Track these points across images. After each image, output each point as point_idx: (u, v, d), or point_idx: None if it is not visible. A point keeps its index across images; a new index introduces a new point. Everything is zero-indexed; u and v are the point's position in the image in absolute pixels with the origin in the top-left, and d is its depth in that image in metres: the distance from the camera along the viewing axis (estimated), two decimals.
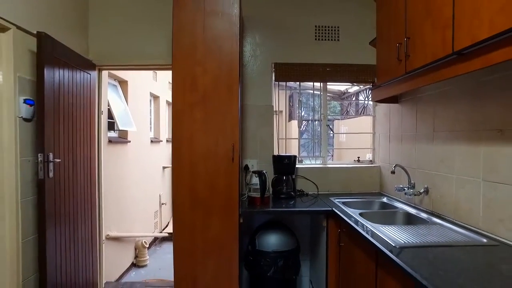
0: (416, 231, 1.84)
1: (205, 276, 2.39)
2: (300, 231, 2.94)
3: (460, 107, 1.95)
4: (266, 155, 2.99)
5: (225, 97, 2.33)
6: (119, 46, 2.99)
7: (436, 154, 2.18)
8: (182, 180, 2.33)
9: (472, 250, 1.51)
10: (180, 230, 2.36)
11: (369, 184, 3.10)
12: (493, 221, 1.69)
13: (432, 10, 1.65)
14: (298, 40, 3.06)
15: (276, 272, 2.43)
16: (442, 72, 1.63)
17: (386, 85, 2.31)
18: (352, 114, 7.59)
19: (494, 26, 1.23)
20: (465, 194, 1.91)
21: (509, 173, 1.58)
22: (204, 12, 2.29)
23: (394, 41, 2.07)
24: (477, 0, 1.33)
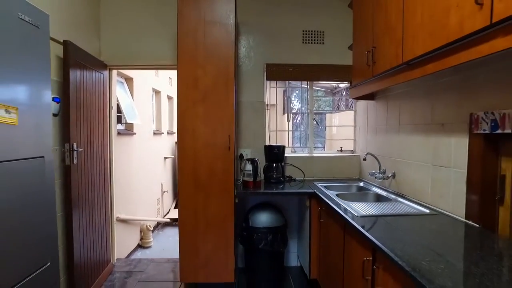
0: (379, 207, 2.26)
1: (206, 249, 2.81)
2: (288, 211, 3.36)
3: (417, 105, 2.36)
4: (259, 145, 3.39)
5: (223, 95, 2.72)
6: (127, 48, 3.36)
7: (401, 143, 2.59)
8: (186, 166, 2.74)
9: (416, 218, 1.93)
10: (185, 209, 2.77)
11: (349, 171, 3.52)
12: (436, 197, 2.11)
13: (389, 29, 2.05)
14: (288, 43, 3.44)
15: (267, 245, 2.85)
16: (397, 77, 2.03)
17: (360, 85, 2.70)
18: (343, 108, 7.97)
19: (426, 46, 1.63)
20: (419, 177, 2.32)
21: (447, 158, 1.99)
22: (204, 22, 2.67)
23: (365, 49, 2.47)
24: (415, 26, 1.73)
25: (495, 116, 1.59)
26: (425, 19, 1.65)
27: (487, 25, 1.22)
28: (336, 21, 3.41)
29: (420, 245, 1.46)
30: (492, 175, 1.71)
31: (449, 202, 1.99)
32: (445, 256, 1.33)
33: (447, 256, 1.34)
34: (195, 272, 2.84)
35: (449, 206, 1.99)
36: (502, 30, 1.18)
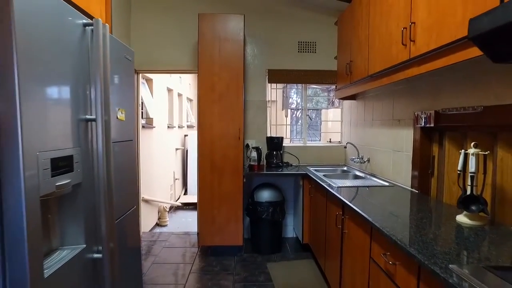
0: (353, 182, 3.00)
1: (219, 218, 3.55)
2: (285, 190, 4.10)
3: (384, 105, 3.08)
4: (262, 136, 4.12)
5: (234, 96, 3.45)
6: (153, 55, 4.05)
7: (373, 135, 3.32)
8: (205, 152, 3.47)
9: (377, 188, 2.67)
10: (203, 186, 3.51)
11: (336, 158, 4.25)
12: (395, 174, 2.85)
13: (361, 49, 2.77)
14: (286, 52, 4.14)
15: (268, 216, 3.60)
16: (365, 85, 2.76)
17: (342, 89, 3.43)
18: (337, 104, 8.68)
19: (380, 66, 2.35)
20: (385, 160, 3.06)
21: (401, 145, 2.72)
22: (220, 39, 3.39)
23: (345, 61, 3.19)
24: (375, 51, 2.46)
25: (426, 115, 2.31)
26: (380, 47, 2.37)
27: (408, 58, 1.94)
28: (326, 34, 4.11)
29: (375, 203, 2.20)
30: (427, 156, 2.44)
31: (402, 177, 2.72)
32: (392, 210, 2.07)
33: (394, 210, 2.07)
34: (211, 237, 3.58)
35: (402, 180, 2.73)
36: (416, 62, 1.90)
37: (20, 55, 0.96)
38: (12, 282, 0.98)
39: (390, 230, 1.58)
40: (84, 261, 1.34)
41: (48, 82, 1.11)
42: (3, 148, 0.94)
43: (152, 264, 3.52)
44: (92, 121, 1.37)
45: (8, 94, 0.94)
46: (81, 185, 1.31)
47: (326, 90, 8.86)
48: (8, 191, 0.95)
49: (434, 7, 1.70)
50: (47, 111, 1.11)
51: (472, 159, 1.67)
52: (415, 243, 1.41)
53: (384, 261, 1.64)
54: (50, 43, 1.13)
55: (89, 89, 1.38)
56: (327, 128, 8.29)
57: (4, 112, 0.94)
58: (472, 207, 1.67)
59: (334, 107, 8.35)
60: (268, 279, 3.15)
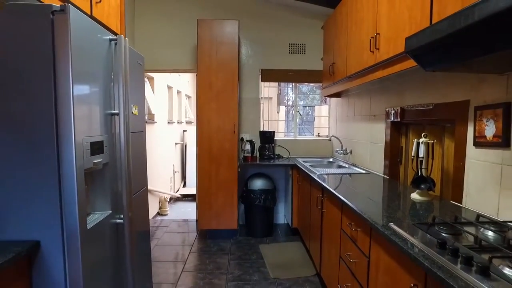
0: (335, 170, 3.38)
1: (216, 204, 3.93)
2: (277, 180, 4.47)
3: (363, 102, 3.46)
4: (255, 131, 4.49)
5: (230, 94, 3.82)
6: (155, 55, 4.39)
7: (355, 129, 3.70)
8: (204, 145, 3.84)
9: (355, 175, 3.06)
10: (202, 175, 3.89)
11: (324, 151, 4.64)
12: (371, 163, 3.23)
13: (340, 53, 3.15)
14: (277, 53, 4.51)
15: (260, 202, 3.98)
16: (344, 85, 3.14)
17: (327, 87, 3.80)
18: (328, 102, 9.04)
19: (355, 68, 2.73)
20: (364, 151, 3.44)
21: (376, 137, 3.11)
22: (216, 42, 3.75)
23: (329, 63, 3.56)
24: (351, 55, 2.83)
25: (395, 111, 2.69)
26: (355, 52, 2.75)
27: (375, 63, 2.32)
28: (314, 37, 4.47)
29: (348, 186, 2.59)
30: (396, 147, 2.82)
31: (377, 166, 3.10)
32: (360, 191, 2.46)
33: (362, 191, 2.46)
34: (209, 221, 3.97)
35: (377, 168, 3.11)
36: (381, 66, 2.28)
37: (73, 67, 1.33)
38: (68, 229, 1.35)
39: (354, 204, 1.96)
40: (110, 224, 1.71)
41: (87, 85, 1.48)
42: (62, 134, 1.32)
43: (155, 246, 3.90)
44: (116, 115, 1.74)
45: (66, 96, 1.31)
46: (108, 165, 1.68)
47: (319, 87, 9.28)
48: (65, 165, 1.32)
49: (392, 22, 2.07)
50: (87, 107, 1.47)
51: (422, 146, 2.05)
52: (371, 212, 1.79)
53: (350, 230, 2.03)
54: (88, 55, 1.49)
55: (112, 89, 1.74)
56: (320, 124, 8.71)
57: (63, 108, 1.31)
58: (421, 185, 2.06)
59: (326, 104, 8.77)
60: (260, 258, 3.54)
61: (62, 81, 1.32)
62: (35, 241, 1.35)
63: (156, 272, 3.19)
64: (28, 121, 1.33)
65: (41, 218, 1.35)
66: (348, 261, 2.06)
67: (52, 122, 1.32)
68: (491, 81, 1.67)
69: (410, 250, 1.24)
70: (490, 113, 1.67)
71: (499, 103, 1.61)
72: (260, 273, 3.19)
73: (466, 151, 1.86)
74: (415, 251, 1.23)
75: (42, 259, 1.37)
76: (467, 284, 0.97)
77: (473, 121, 1.79)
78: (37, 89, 1.32)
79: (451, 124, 2.09)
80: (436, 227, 1.41)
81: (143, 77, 2.38)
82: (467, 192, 1.85)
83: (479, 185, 1.76)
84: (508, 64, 1.47)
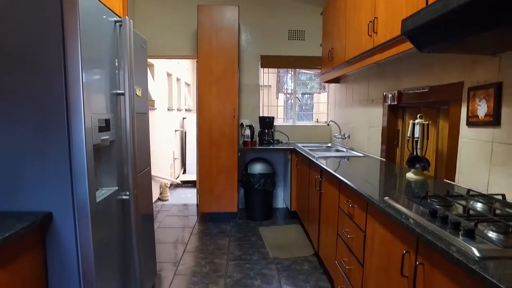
0: (333, 154, 3.46)
1: (217, 187, 4.01)
2: (276, 164, 4.54)
3: (361, 87, 3.51)
4: (255, 116, 4.55)
5: (230, 79, 3.86)
6: (156, 42, 4.42)
7: (353, 114, 3.77)
8: (204, 129, 3.91)
9: (352, 158, 3.13)
10: (203, 159, 3.96)
11: (323, 136, 4.71)
12: (369, 147, 3.30)
13: (340, 38, 3.19)
14: (277, 39, 4.54)
15: (260, 186, 4.06)
16: (343, 69, 3.19)
17: (326, 73, 3.85)
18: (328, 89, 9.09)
19: (353, 53, 2.78)
20: (361, 135, 3.51)
21: (374, 121, 3.17)
22: (217, 28, 3.78)
23: (328, 48, 3.61)
24: (349, 40, 2.88)
25: (392, 94, 2.75)
26: (353, 37, 2.80)
27: (372, 47, 2.37)
28: (313, 23, 4.49)
29: (345, 168, 2.67)
30: (393, 130, 2.89)
31: (374, 149, 3.18)
32: (358, 172, 2.53)
33: (359, 172, 2.54)
34: (210, 205, 4.05)
35: (374, 151, 3.18)
36: (379, 50, 2.33)
37: (82, 47, 1.38)
38: (79, 201, 1.42)
39: (351, 182, 2.03)
40: (117, 199, 1.78)
41: (95, 65, 1.53)
42: (72, 111, 1.38)
43: (157, 228, 3.99)
44: (121, 95, 1.79)
45: (76, 74, 1.37)
46: (115, 142, 1.75)
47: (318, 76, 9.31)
48: (76, 140, 1.39)
49: (390, 5, 2.12)
50: (94, 86, 1.53)
51: (417, 127, 2.12)
52: (367, 189, 1.87)
53: (347, 207, 2.11)
54: (95, 37, 1.54)
55: (118, 70, 1.80)
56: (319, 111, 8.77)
57: (73, 87, 1.37)
58: (416, 165, 2.13)
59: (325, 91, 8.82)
60: (259, 239, 3.63)
61: (71, 61, 1.37)
62: (48, 212, 1.42)
63: (158, 252, 3.27)
64: (40, 98, 1.39)
65: (53, 191, 1.42)
66: (345, 237, 2.14)
67: (63, 99, 1.38)
68: (484, 63, 1.73)
69: (403, 220, 1.32)
70: (482, 93, 1.73)
71: (491, 83, 1.67)
72: (260, 254, 3.29)
73: (459, 130, 1.93)
74: (408, 220, 1.30)
75: (55, 229, 1.44)
76: (454, 245, 1.05)
77: (466, 102, 1.86)
78: (49, 68, 1.38)
79: (446, 105, 2.15)
80: (429, 199, 1.49)
81: (146, 60, 2.43)
82: (460, 170, 1.93)
83: (471, 163, 1.83)
84: (500, 45, 1.53)
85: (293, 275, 2.86)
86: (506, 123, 1.58)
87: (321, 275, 2.86)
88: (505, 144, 1.58)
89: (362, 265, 1.86)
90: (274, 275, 2.86)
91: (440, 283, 1.13)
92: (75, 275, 1.49)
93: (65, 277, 1.49)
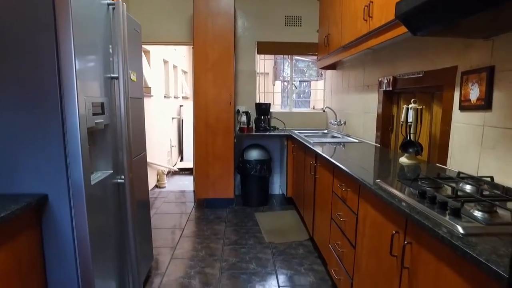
0: (329, 139, 3.47)
1: (213, 173, 4.04)
2: (272, 151, 4.57)
3: (357, 73, 3.51)
4: (251, 103, 4.55)
5: (226, 65, 3.85)
6: (151, 28, 4.37)
7: (350, 100, 3.77)
8: (200, 115, 3.91)
9: (347, 144, 3.15)
10: (199, 145, 3.97)
11: (319, 123, 4.72)
12: (364, 133, 3.32)
13: (336, 23, 3.18)
14: (273, 25, 4.50)
15: (256, 172, 4.09)
16: (339, 55, 3.18)
17: (322, 59, 3.84)
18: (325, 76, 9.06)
19: (349, 38, 2.77)
20: (357, 122, 3.52)
21: (369, 107, 3.18)
22: (212, 13, 3.75)
23: (324, 34, 3.59)
24: (345, 25, 2.87)
25: (387, 80, 2.75)
26: (349, 22, 2.79)
27: (368, 31, 2.36)
28: (310, 9, 4.45)
29: (340, 153, 2.69)
30: (388, 115, 2.90)
31: (369, 135, 3.19)
32: (352, 157, 2.55)
33: (353, 157, 2.56)
34: (206, 191, 4.08)
35: (369, 137, 3.20)
36: (374, 35, 2.33)
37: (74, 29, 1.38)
38: (73, 183, 1.44)
39: (345, 167, 2.06)
40: (112, 183, 1.80)
41: (88, 48, 1.53)
42: (66, 94, 1.38)
43: (154, 214, 4.02)
44: (115, 79, 1.79)
45: (68, 59, 1.37)
46: (109, 126, 1.75)
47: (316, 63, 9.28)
48: (69, 123, 1.39)
49: None
50: (88, 69, 1.53)
51: (411, 112, 2.13)
52: (360, 173, 1.89)
53: (341, 191, 2.14)
54: (88, 20, 1.53)
55: (111, 54, 1.80)
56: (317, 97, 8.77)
57: (66, 71, 1.37)
58: (410, 149, 2.15)
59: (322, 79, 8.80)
60: (255, 224, 3.68)
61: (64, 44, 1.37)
62: (43, 194, 1.44)
63: (155, 237, 3.31)
64: (34, 82, 1.39)
65: (48, 173, 1.44)
66: (339, 220, 2.18)
67: (56, 83, 1.39)
68: (477, 47, 1.74)
69: (393, 200, 1.34)
70: (475, 77, 1.74)
71: (484, 67, 1.68)
72: (256, 238, 3.33)
73: (452, 115, 1.94)
74: (397, 201, 1.33)
75: (51, 211, 1.46)
76: (440, 224, 1.07)
77: (459, 86, 1.87)
78: (41, 51, 1.37)
79: (440, 90, 2.16)
80: (419, 182, 1.51)
81: (140, 45, 2.42)
82: (452, 154, 1.95)
83: (462, 147, 1.86)
84: (493, 28, 1.53)
85: (288, 259, 2.91)
86: (497, 107, 1.59)
87: (315, 258, 2.91)
88: (496, 127, 1.59)
89: (354, 247, 1.90)
90: (269, 259, 2.91)
91: (426, 260, 1.15)
92: (72, 257, 1.52)
93: (61, 258, 1.52)
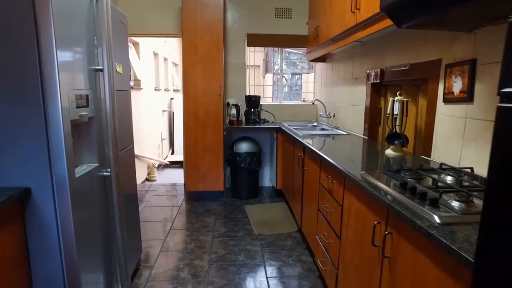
0: (318, 132, 3.49)
1: (203, 166, 4.04)
2: (262, 144, 4.58)
3: (346, 66, 3.52)
4: (241, 95, 4.54)
5: (215, 57, 3.83)
6: (139, 19, 4.32)
7: (339, 93, 3.79)
8: (189, 108, 3.89)
9: (335, 136, 3.17)
10: (188, 138, 3.97)
11: (309, 116, 4.73)
12: (353, 125, 3.34)
13: (324, 16, 3.17)
14: (264, 17, 4.48)
15: (246, 165, 4.10)
16: (328, 48, 3.18)
17: (312, 51, 3.84)
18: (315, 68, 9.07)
19: (337, 30, 2.77)
20: (346, 114, 3.54)
21: (358, 99, 3.20)
22: (201, 4, 3.72)
23: (313, 26, 3.59)
24: (333, 17, 2.87)
25: (374, 72, 2.77)
26: (338, 14, 2.79)
27: (355, 23, 2.37)
28: (300, 0, 4.44)
29: (327, 145, 2.70)
30: (376, 108, 2.92)
31: (358, 127, 3.22)
32: (338, 149, 2.57)
33: (340, 149, 2.58)
34: (196, 183, 4.09)
35: (357, 129, 3.22)
36: (361, 27, 2.33)
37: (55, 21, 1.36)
38: (57, 176, 1.43)
39: (331, 159, 2.07)
40: (98, 176, 1.79)
41: (70, 40, 1.51)
42: (48, 86, 1.37)
43: (144, 207, 4.02)
44: (100, 71, 1.78)
45: (50, 50, 1.35)
46: (94, 119, 1.74)
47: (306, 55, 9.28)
48: (52, 115, 1.38)
49: None
50: (71, 61, 1.51)
51: (396, 104, 2.15)
52: (346, 165, 1.91)
53: (327, 182, 2.16)
54: (70, 11, 1.51)
55: (96, 46, 1.78)
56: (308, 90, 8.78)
57: (47, 62, 1.35)
58: (395, 141, 2.18)
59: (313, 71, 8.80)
60: (245, 217, 3.70)
61: (44, 35, 1.35)
62: (26, 187, 1.43)
63: (145, 230, 3.32)
64: (14, 74, 1.37)
65: (31, 166, 1.43)
66: (325, 212, 2.20)
67: (37, 74, 1.37)
68: (461, 40, 1.76)
69: (375, 191, 1.36)
70: (458, 70, 1.76)
71: (467, 60, 1.70)
72: (245, 230, 3.35)
73: (436, 107, 1.96)
74: (379, 192, 1.35)
75: (34, 205, 1.46)
76: (418, 214, 1.09)
77: (443, 79, 1.89)
78: (21, 43, 1.35)
79: (425, 83, 2.18)
80: (402, 173, 1.53)
81: (126, 36, 2.39)
82: (436, 146, 1.98)
83: (446, 139, 1.88)
84: (476, 21, 1.55)
85: (276, 251, 2.94)
86: (478, 99, 1.62)
87: (303, 250, 2.94)
88: (477, 119, 1.62)
89: (339, 238, 1.92)
90: (258, 251, 2.93)
91: (405, 250, 1.18)
92: (56, 251, 1.52)
93: (46, 252, 1.51)
